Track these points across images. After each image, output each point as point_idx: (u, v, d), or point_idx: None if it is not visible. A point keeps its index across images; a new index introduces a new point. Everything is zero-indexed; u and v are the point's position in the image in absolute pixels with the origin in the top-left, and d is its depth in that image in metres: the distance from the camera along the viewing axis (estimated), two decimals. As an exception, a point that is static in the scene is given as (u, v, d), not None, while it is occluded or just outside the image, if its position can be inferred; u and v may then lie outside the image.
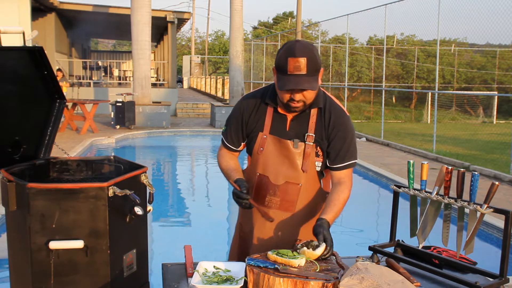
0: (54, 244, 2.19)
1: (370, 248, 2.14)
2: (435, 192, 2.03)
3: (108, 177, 2.68)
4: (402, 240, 2.19)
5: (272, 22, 46.30)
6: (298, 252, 1.87)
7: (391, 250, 2.16)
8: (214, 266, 1.89)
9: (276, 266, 1.76)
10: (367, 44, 29.30)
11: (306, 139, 2.14)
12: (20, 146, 2.66)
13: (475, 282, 1.83)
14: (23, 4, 13.27)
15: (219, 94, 26.52)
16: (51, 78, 2.75)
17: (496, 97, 19.95)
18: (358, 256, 2.03)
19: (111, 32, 28.21)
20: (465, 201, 1.93)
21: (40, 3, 16.50)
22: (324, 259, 1.87)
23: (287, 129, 2.17)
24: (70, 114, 13.32)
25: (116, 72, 25.80)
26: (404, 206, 2.20)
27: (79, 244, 2.20)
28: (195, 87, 38.41)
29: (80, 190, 2.21)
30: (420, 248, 2.11)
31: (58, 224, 2.20)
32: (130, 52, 20.25)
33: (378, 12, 13.86)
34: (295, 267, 1.78)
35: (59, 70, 14.24)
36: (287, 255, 1.84)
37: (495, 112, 20.42)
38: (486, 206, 1.87)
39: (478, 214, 1.90)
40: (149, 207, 2.59)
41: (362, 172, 9.05)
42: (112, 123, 13.96)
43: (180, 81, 40.63)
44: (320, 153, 2.16)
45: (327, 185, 2.26)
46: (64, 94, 3.18)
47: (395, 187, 2.19)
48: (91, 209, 2.21)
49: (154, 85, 20.13)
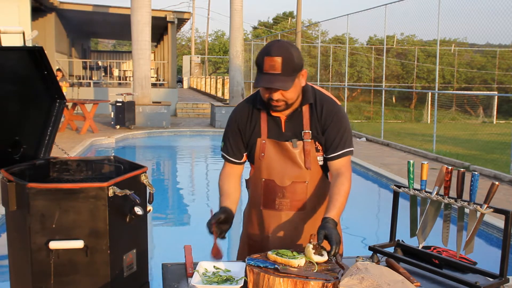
0: (54, 244, 2.19)
1: (370, 248, 2.14)
2: (435, 192, 2.03)
3: (108, 177, 2.68)
4: (402, 240, 2.19)
5: (272, 22, 46.31)
6: (304, 248, 1.88)
7: (391, 250, 2.16)
8: (214, 266, 1.90)
9: (276, 266, 1.76)
10: (367, 44, 29.32)
11: (303, 137, 2.15)
12: (20, 146, 2.66)
13: (475, 282, 1.83)
14: (23, 4, 13.28)
15: (219, 94, 26.51)
16: (51, 78, 2.75)
17: (496, 97, 19.96)
18: (358, 256, 2.03)
19: (111, 32, 28.23)
20: (465, 201, 1.93)
21: (40, 3, 16.50)
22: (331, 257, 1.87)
23: (283, 130, 2.18)
24: (70, 114, 13.33)
25: (116, 72, 25.82)
26: (404, 206, 2.20)
27: (79, 244, 2.20)
28: (195, 87, 38.40)
29: (80, 190, 2.21)
30: (420, 248, 2.10)
31: (58, 224, 2.20)
32: (130, 52, 20.26)
33: (378, 12, 13.88)
34: (295, 267, 1.78)
35: (59, 70, 14.25)
36: (287, 255, 1.84)
37: (495, 112, 20.43)
38: (486, 206, 1.87)
39: (478, 214, 1.90)
40: (149, 207, 2.59)
41: (362, 172, 9.04)
42: (112, 123, 13.96)
43: (180, 81, 40.62)
44: (319, 147, 2.18)
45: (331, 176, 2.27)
46: (64, 94, 3.17)
47: (395, 187, 2.19)
48: (91, 209, 2.21)
49: (154, 85, 20.13)
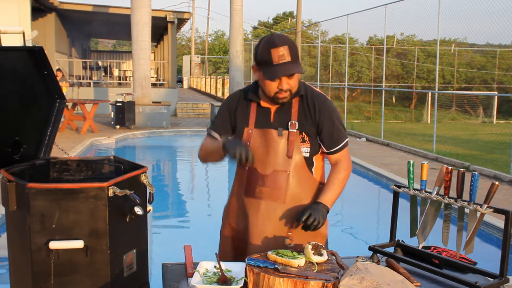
0: (54, 244, 2.19)
1: (370, 248, 2.14)
2: (435, 192, 2.03)
3: (108, 177, 2.68)
4: (402, 240, 2.19)
5: (272, 22, 46.29)
6: (303, 248, 1.89)
7: (391, 250, 2.16)
8: (215, 266, 1.90)
9: (276, 266, 1.77)
10: (367, 44, 29.33)
11: (289, 127, 2.18)
12: (20, 146, 2.66)
13: (475, 282, 1.83)
14: (23, 4, 13.28)
15: (219, 94, 26.51)
16: (51, 78, 2.75)
17: (496, 97, 19.97)
18: (358, 256, 2.03)
19: (111, 32, 28.21)
20: (465, 201, 1.93)
21: (40, 3, 16.50)
22: (306, 229, 2.00)
23: (272, 120, 2.21)
24: (70, 114, 13.32)
25: (116, 72, 25.80)
26: (404, 206, 2.20)
27: (79, 244, 2.19)
28: (195, 87, 38.41)
29: (80, 190, 2.21)
30: (420, 248, 2.11)
31: (58, 224, 2.20)
32: (130, 52, 20.25)
33: (378, 12, 13.89)
34: (295, 267, 1.78)
35: (59, 70, 14.25)
36: (287, 255, 1.84)
37: (495, 112, 20.44)
38: (486, 206, 1.87)
39: (478, 214, 1.90)
40: (149, 207, 2.59)
41: (362, 172, 9.04)
42: (112, 123, 13.96)
43: (180, 81, 40.61)
44: (306, 138, 2.19)
45: (319, 175, 2.27)
46: (64, 94, 3.17)
47: (395, 187, 2.19)
48: (91, 209, 2.21)
49: (154, 85, 20.13)
